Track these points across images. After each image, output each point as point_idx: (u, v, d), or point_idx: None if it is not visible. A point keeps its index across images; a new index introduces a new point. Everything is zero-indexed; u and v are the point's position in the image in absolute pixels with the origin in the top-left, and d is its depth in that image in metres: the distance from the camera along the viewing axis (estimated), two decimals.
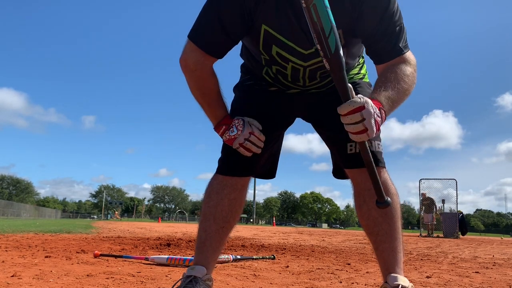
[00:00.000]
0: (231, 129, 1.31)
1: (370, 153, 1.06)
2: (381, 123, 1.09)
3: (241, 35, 1.26)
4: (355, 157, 1.31)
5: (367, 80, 1.50)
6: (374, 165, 1.07)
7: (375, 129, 1.04)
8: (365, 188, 1.30)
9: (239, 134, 1.30)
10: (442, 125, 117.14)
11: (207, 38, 1.23)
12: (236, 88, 1.52)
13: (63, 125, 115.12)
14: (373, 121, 1.03)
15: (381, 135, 1.36)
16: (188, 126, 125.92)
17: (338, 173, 1.48)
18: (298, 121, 1.54)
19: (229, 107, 1.41)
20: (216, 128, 1.35)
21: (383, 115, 1.09)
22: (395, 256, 1.27)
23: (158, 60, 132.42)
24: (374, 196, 1.11)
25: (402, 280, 1.20)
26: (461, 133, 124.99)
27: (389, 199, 1.09)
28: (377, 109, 1.05)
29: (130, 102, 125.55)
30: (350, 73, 1.43)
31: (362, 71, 1.49)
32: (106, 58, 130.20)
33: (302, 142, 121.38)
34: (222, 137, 1.36)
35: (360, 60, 1.47)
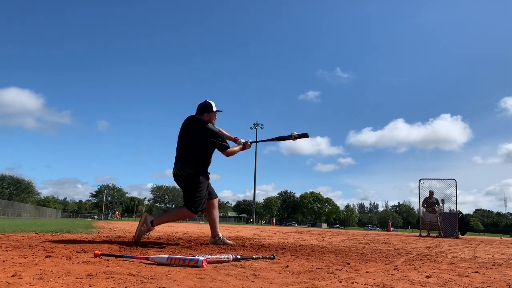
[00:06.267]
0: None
1: None
2: None
3: None
4: None
5: None
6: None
7: None
8: None
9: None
10: (450, 128, 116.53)
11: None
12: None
13: (76, 127, 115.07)
14: None
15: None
16: None
17: None
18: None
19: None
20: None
21: None
22: None
23: (174, 67, 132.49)
24: None
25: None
26: (467, 134, 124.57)
27: None
28: None
29: (141, 105, 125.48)
30: None
31: None
32: (129, 66, 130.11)
33: (310, 144, 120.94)
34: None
35: None
